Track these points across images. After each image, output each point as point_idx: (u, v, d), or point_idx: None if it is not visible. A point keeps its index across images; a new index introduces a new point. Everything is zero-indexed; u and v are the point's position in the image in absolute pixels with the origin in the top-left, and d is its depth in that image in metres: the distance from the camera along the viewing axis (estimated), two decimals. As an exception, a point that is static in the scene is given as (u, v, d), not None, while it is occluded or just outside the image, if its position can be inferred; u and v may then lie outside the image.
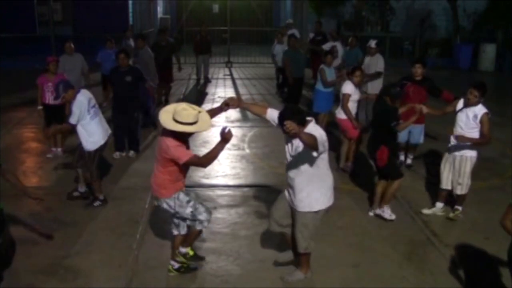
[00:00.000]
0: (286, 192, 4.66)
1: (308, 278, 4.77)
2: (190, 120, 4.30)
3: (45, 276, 4.82)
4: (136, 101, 8.12)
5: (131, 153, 8.19)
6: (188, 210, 4.61)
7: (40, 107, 7.90)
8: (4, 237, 4.15)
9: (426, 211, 6.28)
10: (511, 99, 12.52)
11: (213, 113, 4.78)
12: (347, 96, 7.24)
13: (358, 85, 7.35)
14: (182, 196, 4.61)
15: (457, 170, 5.99)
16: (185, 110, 4.29)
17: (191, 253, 4.90)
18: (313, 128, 4.34)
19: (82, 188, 6.52)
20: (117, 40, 11.60)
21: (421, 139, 7.63)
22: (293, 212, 4.60)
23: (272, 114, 4.59)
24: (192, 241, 4.93)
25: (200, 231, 4.83)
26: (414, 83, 7.29)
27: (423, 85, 7.28)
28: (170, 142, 4.35)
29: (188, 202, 4.61)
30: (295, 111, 4.29)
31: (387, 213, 6.02)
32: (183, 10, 21.06)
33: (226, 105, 4.68)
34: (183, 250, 4.89)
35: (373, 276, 4.92)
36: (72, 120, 6.02)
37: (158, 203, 4.71)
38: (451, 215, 6.15)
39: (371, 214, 6.16)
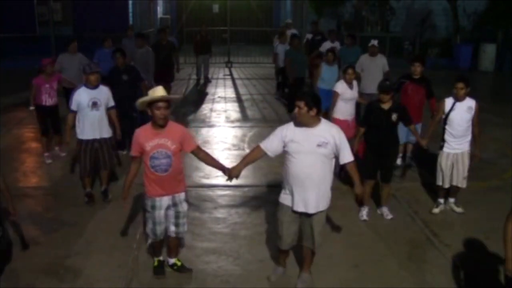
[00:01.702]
0: (297, 201, 4.35)
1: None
2: (156, 94, 4.40)
3: (45, 276, 4.82)
4: (136, 101, 8.06)
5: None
6: (146, 214, 4.69)
7: (32, 108, 7.91)
8: (4, 230, 4.15)
9: (436, 210, 6.30)
10: (511, 99, 12.52)
11: (215, 163, 4.83)
12: (336, 94, 7.28)
13: (350, 84, 7.29)
14: (149, 202, 4.57)
15: (461, 166, 6.07)
16: (152, 92, 4.47)
17: (178, 263, 4.89)
18: (329, 125, 4.38)
19: (90, 189, 6.53)
20: (117, 40, 11.58)
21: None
22: (305, 219, 4.44)
23: (267, 145, 4.48)
24: (169, 251, 4.90)
25: (151, 244, 4.84)
26: (412, 81, 7.30)
27: (422, 84, 7.30)
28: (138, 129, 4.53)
29: (148, 212, 4.63)
30: (315, 98, 4.31)
31: (362, 214, 6.12)
32: (183, 10, 21.04)
33: (229, 176, 4.69)
34: (170, 260, 4.92)
35: (373, 276, 4.93)
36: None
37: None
38: (459, 209, 6.24)
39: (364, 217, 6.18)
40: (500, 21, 18.06)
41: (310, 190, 4.30)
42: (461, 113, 5.93)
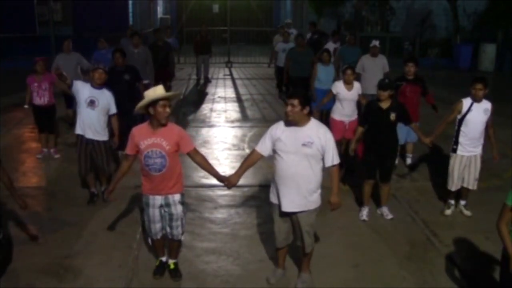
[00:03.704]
0: (282, 199, 4.40)
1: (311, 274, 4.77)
2: (158, 93, 4.33)
3: (45, 276, 4.82)
4: (135, 101, 8.04)
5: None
6: (144, 216, 4.73)
7: (26, 106, 8.06)
8: (6, 231, 4.16)
9: (448, 211, 6.29)
10: (511, 99, 12.52)
11: (211, 170, 4.72)
12: (329, 93, 7.42)
13: (349, 84, 7.25)
14: (145, 198, 4.62)
15: (473, 168, 6.08)
16: (153, 91, 4.37)
17: (171, 266, 4.88)
18: (317, 125, 4.33)
19: (94, 189, 6.55)
20: (117, 39, 11.57)
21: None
22: (294, 218, 4.46)
23: (262, 147, 4.48)
24: (168, 251, 4.92)
25: (151, 242, 4.88)
26: (409, 83, 7.32)
27: (418, 84, 7.35)
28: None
29: (144, 209, 4.67)
30: (307, 97, 4.36)
31: (362, 214, 6.13)
32: (183, 10, 21.06)
33: (229, 184, 4.70)
34: (168, 260, 4.92)
35: (373, 276, 4.93)
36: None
37: None
38: (467, 213, 6.26)
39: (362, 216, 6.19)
40: (500, 21, 18.06)
41: (295, 189, 4.31)
42: (478, 114, 5.88)
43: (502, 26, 18.31)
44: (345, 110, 7.30)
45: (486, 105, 5.91)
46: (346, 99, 7.26)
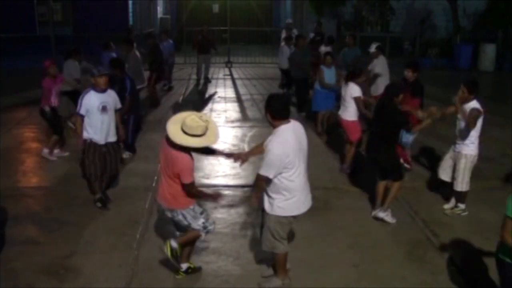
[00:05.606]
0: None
1: (286, 284, 4.67)
2: (198, 132, 4.19)
3: (45, 276, 4.82)
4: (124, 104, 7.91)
5: (126, 153, 8.08)
6: (201, 221, 4.58)
7: (47, 109, 7.81)
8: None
9: (446, 206, 6.36)
10: (511, 99, 12.52)
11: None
12: (359, 99, 7.27)
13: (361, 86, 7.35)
14: (197, 207, 4.59)
15: (457, 166, 6.12)
16: (195, 122, 4.18)
17: (191, 265, 4.87)
18: (273, 135, 4.27)
19: (101, 194, 6.44)
20: (116, 40, 11.59)
21: (411, 138, 7.56)
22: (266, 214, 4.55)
23: None
24: (187, 255, 4.87)
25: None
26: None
27: (411, 87, 7.22)
28: (181, 157, 4.27)
29: (202, 213, 4.61)
30: (266, 103, 4.35)
31: (389, 216, 6.03)
32: (183, 10, 21.08)
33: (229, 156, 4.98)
34: (184, 265, 4.82)
35: (373, 276, 4.93)
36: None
37: (172, 215, 4.57)
38: (446, 207, 6.32)
39: (373, 214, 6.15)
40: (500, 21, 18.06)
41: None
42: (462, 113, 5.96)
43: (502, 26, 18.32)
44: (357, 110, 7.41)
45: (474, 105, 5.89)
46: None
